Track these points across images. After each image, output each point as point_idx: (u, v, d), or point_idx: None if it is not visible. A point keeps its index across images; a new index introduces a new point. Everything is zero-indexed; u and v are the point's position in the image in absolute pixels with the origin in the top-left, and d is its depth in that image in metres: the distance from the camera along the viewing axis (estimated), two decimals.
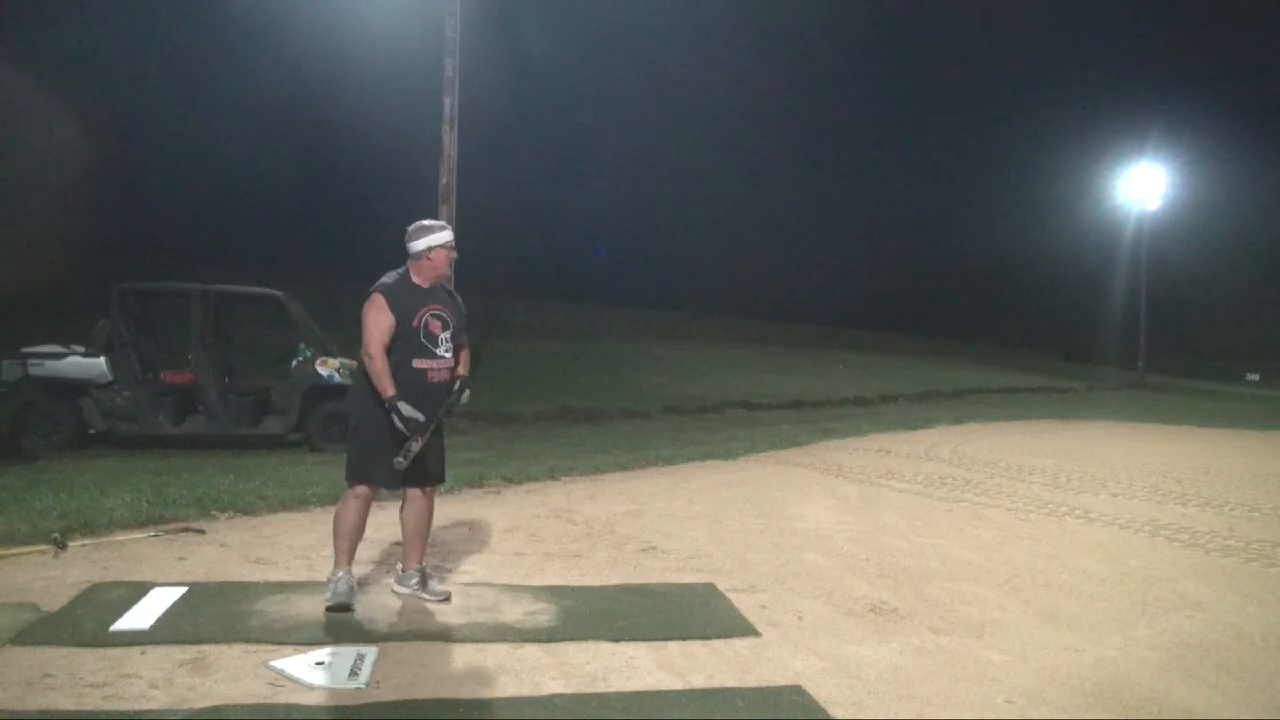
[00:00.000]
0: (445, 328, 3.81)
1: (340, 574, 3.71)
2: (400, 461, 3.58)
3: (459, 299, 4.01)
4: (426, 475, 3.84)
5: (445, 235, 3.84)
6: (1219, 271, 61.85)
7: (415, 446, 3.59)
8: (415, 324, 3.72)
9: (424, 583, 3.87)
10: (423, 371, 3.73)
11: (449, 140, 13.17)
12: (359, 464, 3.74)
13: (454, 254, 3.89)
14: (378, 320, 3.66)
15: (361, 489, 3.75)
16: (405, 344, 3.70)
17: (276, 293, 9.72)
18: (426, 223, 3.85)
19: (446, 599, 3.82)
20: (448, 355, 3.81)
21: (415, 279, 3.81)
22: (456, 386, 3.86)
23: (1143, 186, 36.21)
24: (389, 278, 3.80)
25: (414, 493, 3.88)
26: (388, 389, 3.60)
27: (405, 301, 3.72)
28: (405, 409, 3.58)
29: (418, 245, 3.79)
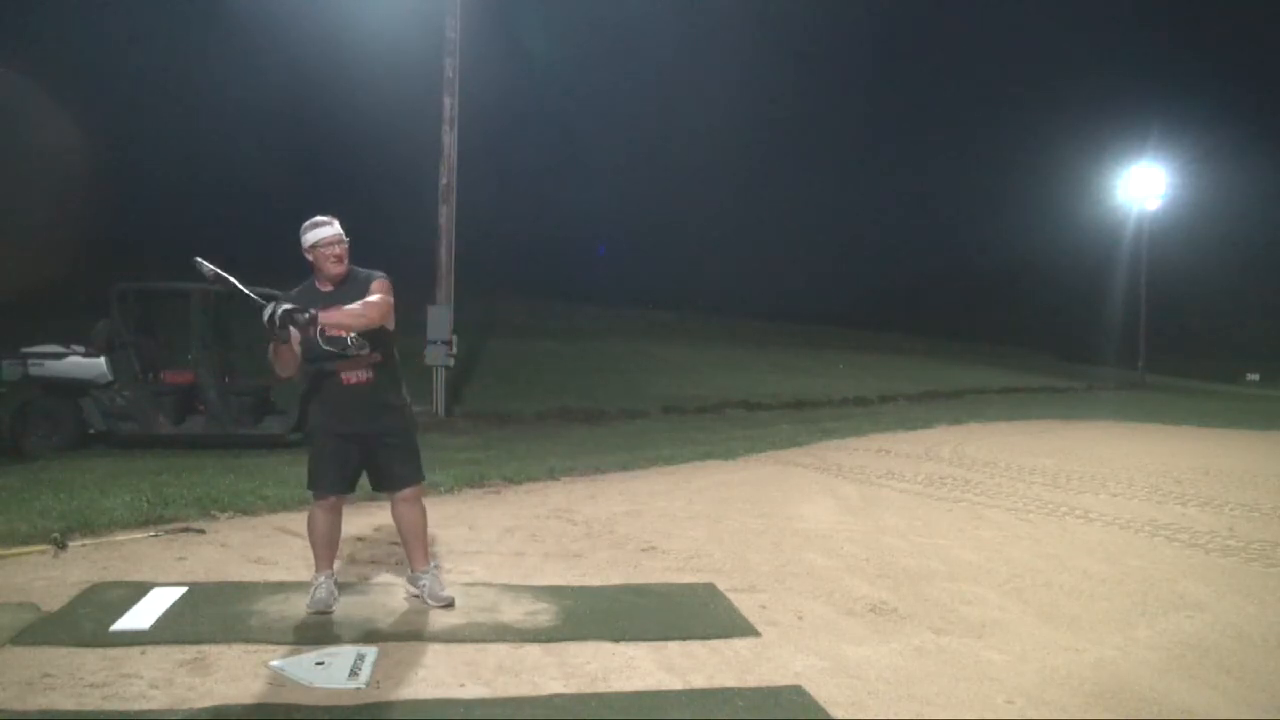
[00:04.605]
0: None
1: (320, 579, 3.72)
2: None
3: (373, 282, 3.62)
4: (393, 479, 3.78)
5: (322, 232, 3.54)
6: (1219, 271, 61.91)
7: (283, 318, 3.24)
8: (311, 333, 3.47)
9: (429, 587, 3.83)
10: (334, 375, 3.60)
11: (449, 140, 13.18)
12: (310, 471, 3.74)
13: (334, 249, 3.57)
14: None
15: (320, 497, 3.74)
16: (309, 351, 3.53)
17: (277, 293, 9.69)
18: (314, 219, 3.58)
19: (450, 605, 3.78)
20: (361, 354, 3.51)
21: (317, 282, 3.66)
22: (307, 315, 3.29)
23: (1143, 186, 36.31)
24: (298, 287, 3.66)
25: (396, 495, 3.83)
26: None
27: None
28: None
29: (303, 243, 3.59)
